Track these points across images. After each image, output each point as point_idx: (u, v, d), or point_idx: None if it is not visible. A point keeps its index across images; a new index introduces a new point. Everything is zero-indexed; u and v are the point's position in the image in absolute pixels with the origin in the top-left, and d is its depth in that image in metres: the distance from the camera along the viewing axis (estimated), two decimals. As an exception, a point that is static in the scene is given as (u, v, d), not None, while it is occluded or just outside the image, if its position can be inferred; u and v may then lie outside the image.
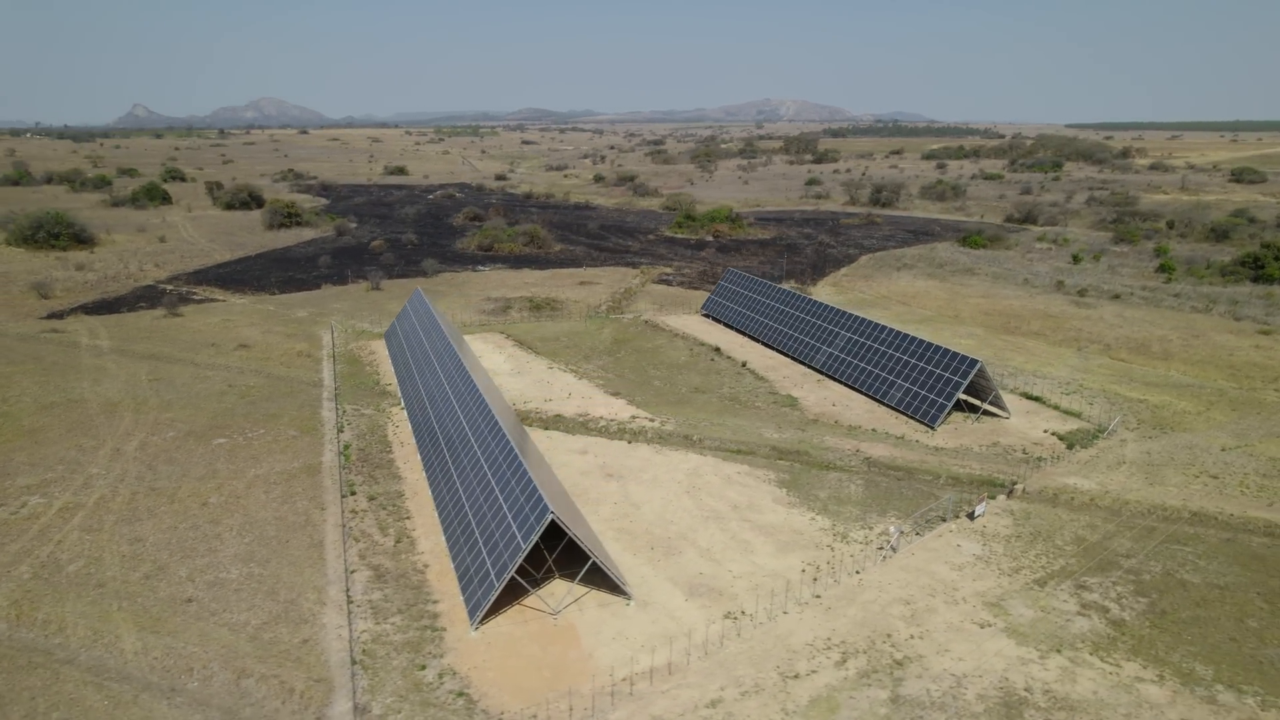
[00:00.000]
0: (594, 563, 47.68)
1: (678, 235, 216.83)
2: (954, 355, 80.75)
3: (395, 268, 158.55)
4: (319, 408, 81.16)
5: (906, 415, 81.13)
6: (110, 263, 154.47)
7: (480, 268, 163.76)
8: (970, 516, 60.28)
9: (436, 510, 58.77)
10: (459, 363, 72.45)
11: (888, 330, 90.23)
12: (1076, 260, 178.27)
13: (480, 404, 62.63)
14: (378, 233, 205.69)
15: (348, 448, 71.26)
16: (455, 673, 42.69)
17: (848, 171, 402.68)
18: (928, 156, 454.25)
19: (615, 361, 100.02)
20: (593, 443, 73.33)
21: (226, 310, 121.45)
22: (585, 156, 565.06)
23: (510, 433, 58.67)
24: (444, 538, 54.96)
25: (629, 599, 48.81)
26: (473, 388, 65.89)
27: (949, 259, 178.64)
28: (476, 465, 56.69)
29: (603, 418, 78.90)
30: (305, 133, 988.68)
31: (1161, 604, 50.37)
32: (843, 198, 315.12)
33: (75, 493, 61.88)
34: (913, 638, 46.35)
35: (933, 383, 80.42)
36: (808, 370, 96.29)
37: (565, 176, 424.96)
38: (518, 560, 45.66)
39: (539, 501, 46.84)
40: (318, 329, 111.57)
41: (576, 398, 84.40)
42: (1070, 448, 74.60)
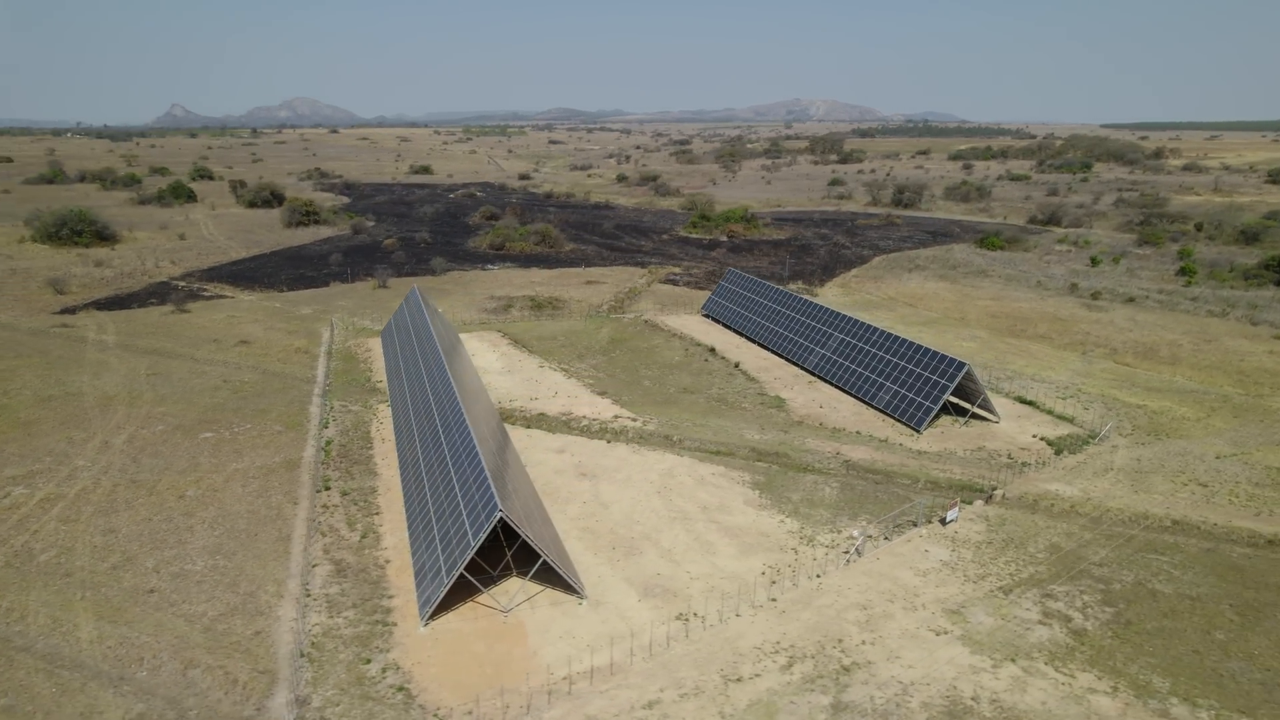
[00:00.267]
0: (544, 561, 47.74)
1: (692, 235, 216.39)
2: (941, 358, 79.68)
3: (405, 266, 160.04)
4: (308, 404, 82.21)
5: (894, 418, 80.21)
6: (128, 260, 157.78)
7: (489, 266, 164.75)
8: (942, 522, 59.45)
9: (405, 507, 59.26)
10: (440, 361, 72.95)
11: (878, 332, 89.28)
12: (1095, 263, 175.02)
13: (453, 402, 63.02)
14: (394, 231, 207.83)
15: (329, 443, 72.09)
16: (399, 667, 43.01)
17: (872, 172, 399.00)
18: (954, 157, 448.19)
19: (608, 361, 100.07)
20: (572, 442, 73.44)
21: (233, 307, 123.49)
22: (610, 156, 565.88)
23: (479, 431, 58.98)
24: (408, 534, 55.39)
25: (581, 598, 48.83)
26: (449, 386, 66.30)
27: (963, 261, 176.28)
28: (443, 462, 57.08)
29: (585, 417, 79.00)
30: (335, 132, 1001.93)
31: (1128, 614, 49.30)
32: (865, 198, 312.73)
33: (59, 484, 63.29)
34: (864, 643, 45.82)
35: (920, 385, 79.43)
36: (801, 372, 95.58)
37: (589, 176, 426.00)
38: (467, 557, 45.88)
39: (490, 500, 47.03)
40: (319, 326, 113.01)
41: (562, 397, 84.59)
42: (1058, 453, 73.26)
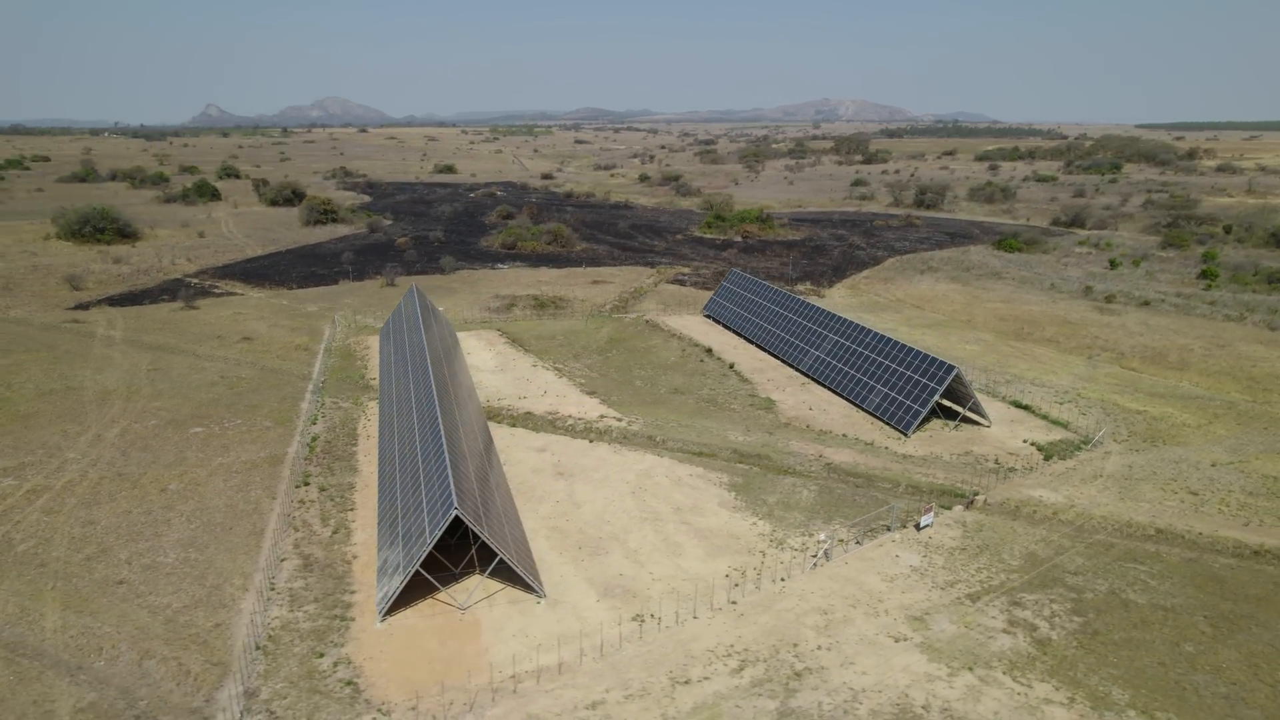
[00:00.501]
0: (501, 559, 47.88)
1: (706, 235, 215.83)
2: (931, 360, 78.69)
3: (416, 265, 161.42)
4: (301, 400, 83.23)
5: (883, 421, 79.36)
6: (146, 256, 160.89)
7: (499, 266, 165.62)
8: (917, 527, 58.70)
9: (377, 503, 59.76)
10: (424, 360, 73.46)
11: (871, 334, 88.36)
12: (1114, 265, 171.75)
13: (430, 400, 63.43)
14: (411, 230, 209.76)
15: (315, 439, 72.92)
16: (350, 662, 43.39)
17: (896, 173, 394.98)
18: (980, 158, 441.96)
19: (604, 361, 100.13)
20: (554, 441, 73.58)
21: (241, 304, 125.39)
22: (634, 156, 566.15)
23: (452, 428, 59.32)
24: (377, 530, 55.85)
25: (539, 597, 48.91)
26: (428, 384, 66.75)
27: (978, 263, 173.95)
28: (413, 460, 57.49)
29: (571, 416, 79.11)
30: (364, 131, 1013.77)
31: (1096, 624, 48.31)
32: (887, 199, 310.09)
33: (47, 476, 64.70)
34: (820, 649, 45.38)
35: (910, 388, 78.50)
36: (795, 373, 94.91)
37: (612, 176, 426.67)
38: (422, 555, 46.16)
39: (448, 497, 47.27)
40: (323, 323, 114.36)
41: (551, 396, 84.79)
42: (1047, 459, 72.01)
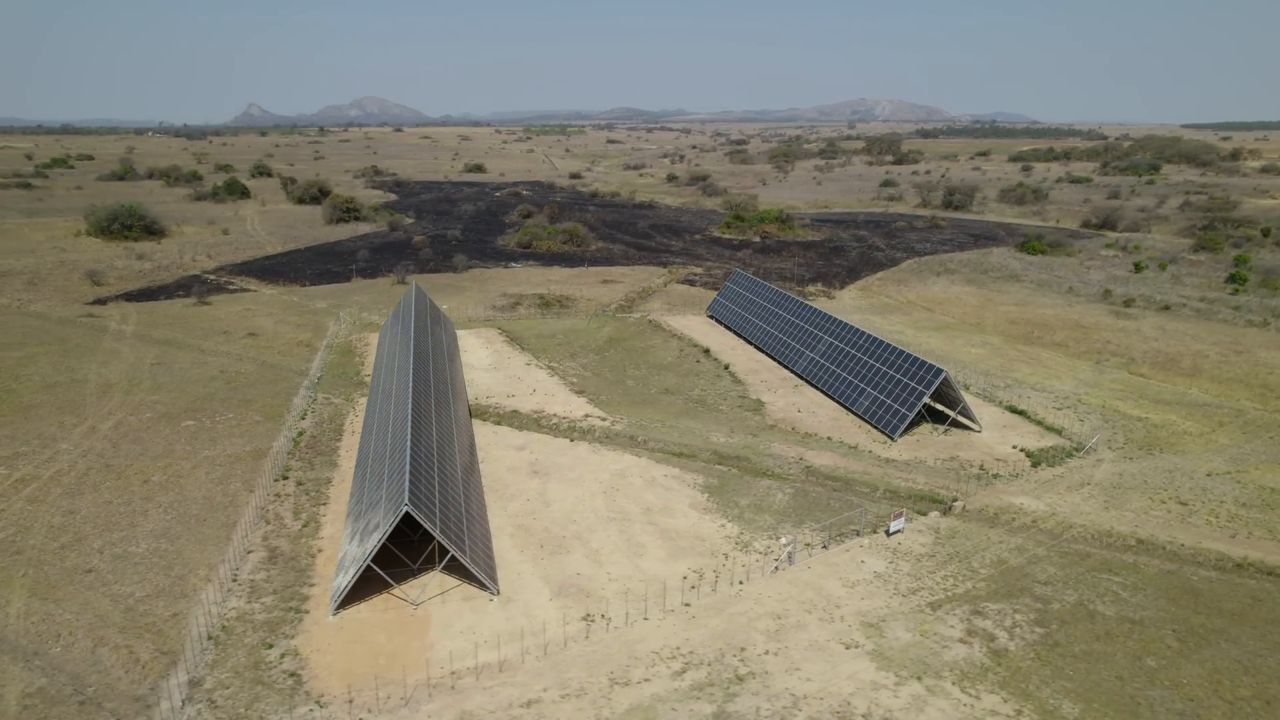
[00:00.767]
0: (452, 556, 48.13)
1: (725, 235, 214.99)
2: (920, 363, 77.48)
3: (430, 263, 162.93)
4: (294, 396, 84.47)
5: (871, 424, 78.34)
6: (169, 253, 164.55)
7: (513, 264, 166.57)
8: (887, 533, 57.82)
9: (349, 498, 60.44)
10: (408, 357, 74.12)
11: (865, 336, 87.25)
12: (1138, 269, 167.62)
13: (404, 396, 63.99)
14: (432, 228, 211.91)
15: (301, 434, 73.97)
16: (297, 654, 43.93)
17: (927, 173, 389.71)
18: (1014, 158, 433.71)
19: (600, 360, 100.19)
20: (535, 439, 73.80)
21: (253, 300, 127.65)
22: (665, 156, 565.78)
23: (422, 425, 59.78)
24: (344, 525, 56.48)
25: (492, 595, 49.08)
26: (406, 381, 67.35)
27: (998, 265, 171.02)
28: (382, 455, 58.05)
29: (556, 415, 79.28)
30: (399, 130, 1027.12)
31: (1058, 635, 47.19)
32: (915, 200, 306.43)
33: (38, 466, 66.46)
34: (767, 654, 44.92)
35: (898, 391, 77.39)
36: (789, 375, 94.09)
37: (640, 175, 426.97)
38: (373, 550, 46.59)
39: (402, 493, 47.64)
40: (329, 320, 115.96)
41: (540, 394, 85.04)
42: (1035, 466, 70.52)
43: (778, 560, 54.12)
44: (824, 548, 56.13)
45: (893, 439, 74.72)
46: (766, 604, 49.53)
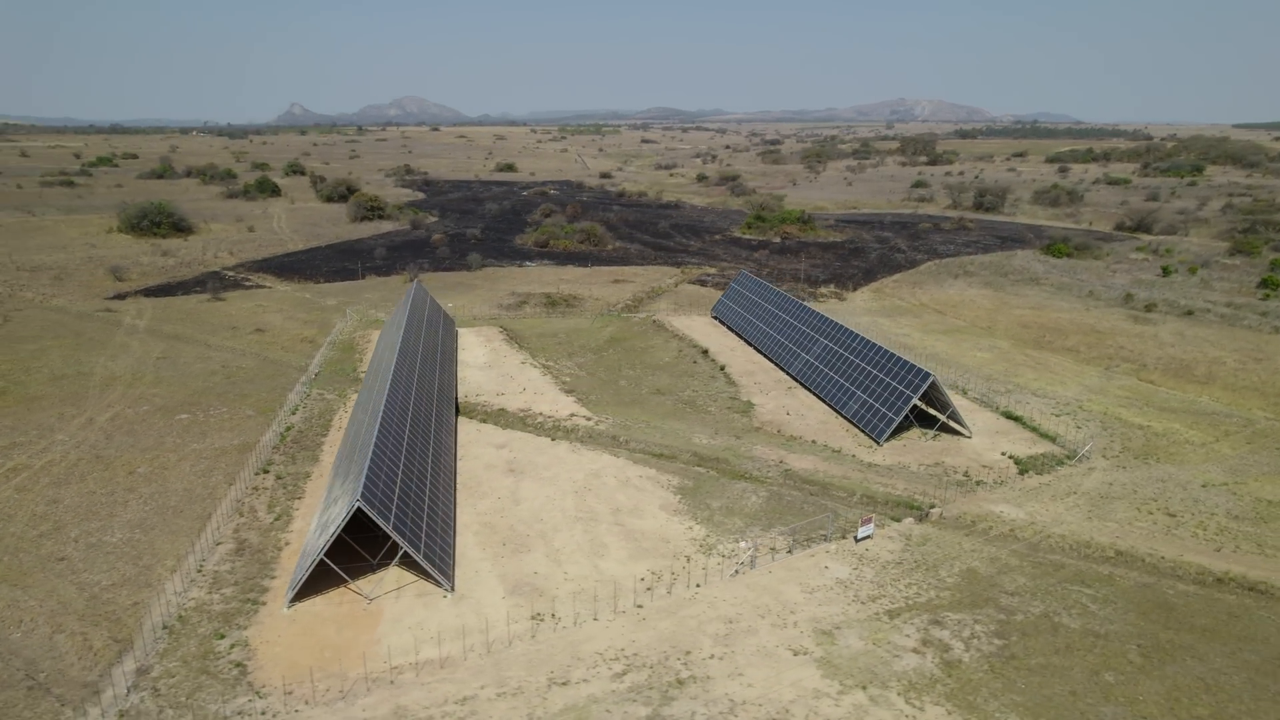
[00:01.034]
0: (404, 553, 48.51)
1: (745, 236, 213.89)
2: (909, 366, 76.24)
3: (445, 261, 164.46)
4: (289, 391, 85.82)
5: (859, 428, 77.30)
6: (193, 250, 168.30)
7: (527, 263, 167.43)
8: (856, 539, 56.99)
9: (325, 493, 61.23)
10: (392, 354, 74.87)
11: (859, 338, 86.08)
12: (1166, 272, 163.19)
13: (381, 393, 64.64)
14: (455, 227, 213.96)
15: (289, 429, 75.12)
16: (247, 645, 44.61)
17: (960, 174, 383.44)
18: (1051, 159, 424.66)
19: (597, 359, 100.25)
20: (517, 438, 74.07)
21: (266, 296, 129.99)
22: (697, 156, 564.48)
23: (394, 422, 60.35)
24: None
25: (447, 591, 49.36)
26: (386, 378, 68.03)
27: (1020, 268, 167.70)
28: (350, 453, 58.70)
29: (541, 414, 79.49)
30: (436, 130, 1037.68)
31: (1016, 648, 46.10)
32: (946, 201, 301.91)
33: (32, 456, 68.40)
34: (713, 658, 44.54)
35: (887, 395, 76.24)
36: (785, 377, 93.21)
37: (671, 175, 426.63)
38: (327, 544, 47.14)
39: (358, 490, 48.13)
40: (336, 317, 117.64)
41: (529, 393, 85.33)
42: (1022, 473, 68.98)
43: (739, 564, 53.64)
44: (789, 552, 55.49)
45: (878, 443, 73.64)
46: (720, 608, 49.12)
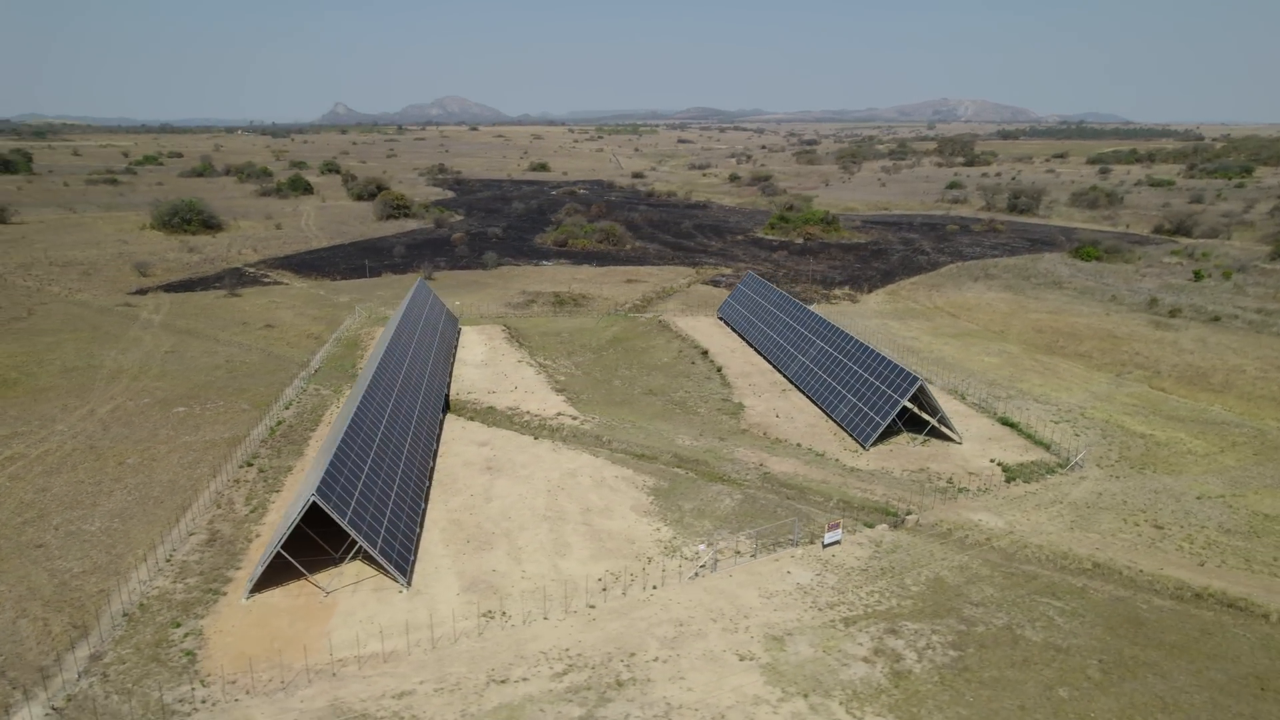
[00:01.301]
0: (360, 547, 49.02)
1: (767, 236, 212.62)
2: (898, 370, 74.99)
3: (463, 260, 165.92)
4: (287, 386, 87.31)
5: (847, 431, 76.26)
6: (219, 247, 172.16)
7: (544, 262, 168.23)
8: (824, 544, 56.20)
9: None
10: (380, 352, 75.73)
11: (853, 341, 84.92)
12: (1198, 277, 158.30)
13: (360, 390, 65.41)
14: (478, 225, 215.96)
15: (280, 423, 76.42)
16: (200, 634, 45.46)
17: (997, 175, 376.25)
18: (1093, 160, 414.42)
19: (596, 359, 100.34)
20: (500, 436, 74.44)
21: (282, 293, 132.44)
22: (731, 156, 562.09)
23: (368, 418, 61.04)
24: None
25: (403, 587, 49.77)
26: (368, 375, 68.83)
27: (1044, 271, 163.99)
28: (328, 447, 59.47)
29: (529, 413, 79.77)
30: (475, 129, 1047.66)
31: (971, 659, 45.06)
32: (980, 203, 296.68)
33: (29, 445, 70.53)
34: (657, 660, 44.26)
35: (875, 399, 75.11)
36: (781, 379, 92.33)
37: (704, 175, 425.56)
38: (282, 538, 47.86)
39: (316, 484, 48.76)
40: (345, 314, 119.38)
41: (520, 392, 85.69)
42: (1009, 481, 67.45)
43: (700, 566, 53.24)
44: (753, 556, 54.94)
45: (864, 448, 72.56)
46: (673, 610, 48.80)
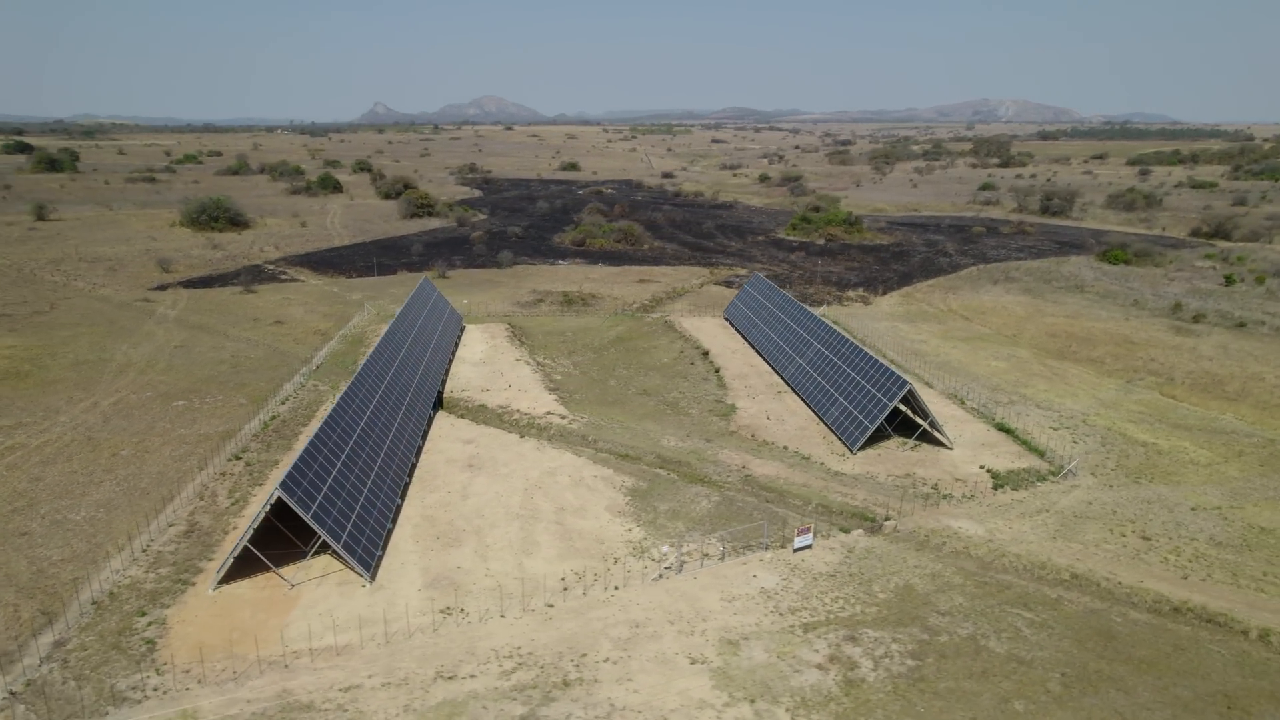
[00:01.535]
0: (322, 541, 49.61)
1: (788, 237, 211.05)
2: (888, 374, 73.90)
3: (479, 258, 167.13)
4: (287, 381, 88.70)
5: (837, 435, 75.34)
6: (243, 244, 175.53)
7: (560, 262, 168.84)
8: (794, 549, 55.58)
9: (282, 480, 63.05)
10: (374, 349, 76.56)
11: (848, 343, 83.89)
12: (1229, 281, 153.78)
13: (345, 387, 66.17)
14: (500, 224, 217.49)
15: (274, 418, 77.65)
16: (163, 623, 46.36)
17: (1032, 177, 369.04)
18: (1133, 162, 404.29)
19: (595, 359, 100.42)
20: (487, 434, 74.83)
21: (297, 290, 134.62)
22: (764, 156, 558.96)
23: (342, 413, 61.76)
24: (264, 505, 59.03)
25: (366, 581, 50.26)
26: (353, 374, 69.59)
27: (1067, 274, 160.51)
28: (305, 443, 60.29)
29: (519, 411, 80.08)
30: (510, 129, 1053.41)
31: (928, 669, 44.23)
32: (1012, 205, 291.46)
33: (30, 435, 72.54)
34: (607, 661, 44.14)
35: (866, 403, 74.12)
36: (778, 381, 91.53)
37: (734, 176, 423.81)
38: (248, 531, 48.65)
39: (282, 478, 49.45)
40: (355, 311, 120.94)
41: (514, 390, 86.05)
42: (997, 488, 66.11)
43: (665, 568, 52.98)
44: (721, 559, 54.54)
45: (852, 452, 71.62)
46: (632, 611, 48.63)
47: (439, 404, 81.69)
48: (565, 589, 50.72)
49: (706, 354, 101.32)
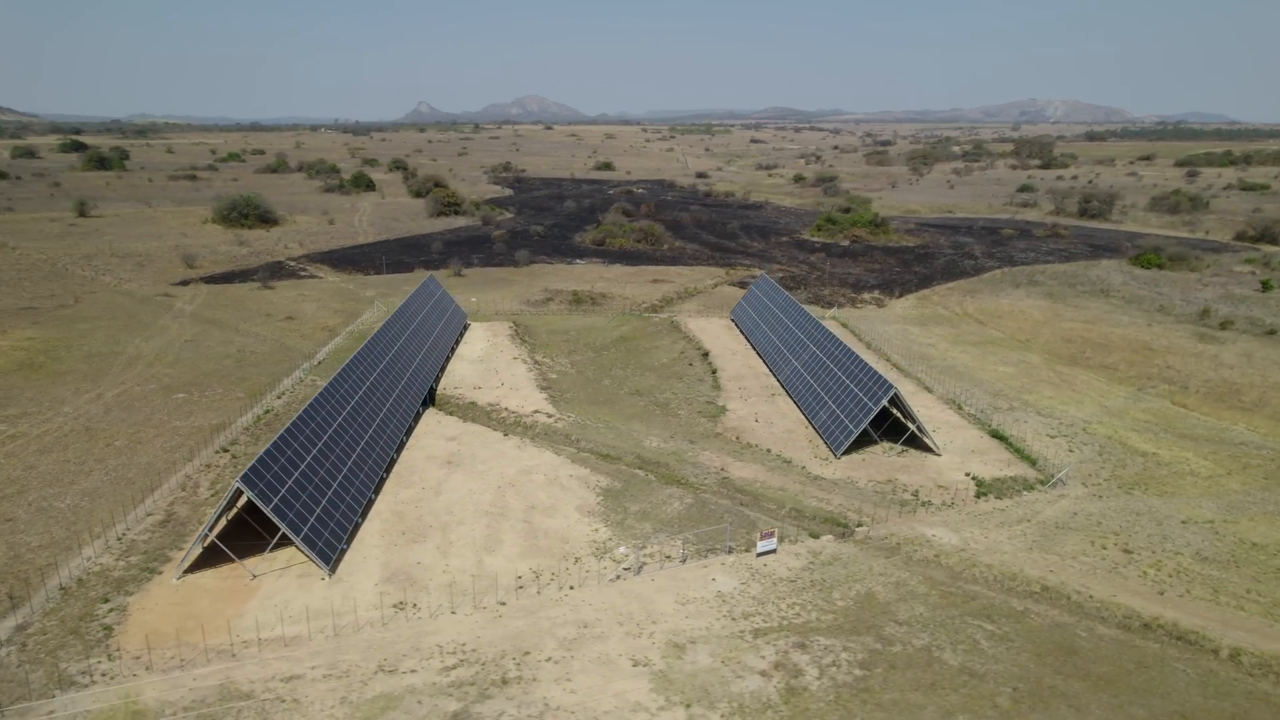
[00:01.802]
0: (283, 534, 50.39)
1: (812, 238, 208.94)
2: (874, 377, 72.69)
3: (497, 257, 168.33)
4: (286, 376, 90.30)
5: (823, 439, 74.36)
6: (268, 241, 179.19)
7: (576, 261, 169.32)
8: (757, 553, 54.96)
9: (262, 473, 64.19)
10: (364, 346, 77.55)
11: (841, 346, 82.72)
12: (1266, 287, 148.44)
13: (322, 384, 67.14)
14: (524, 223, 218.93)
15: (267, 412, 79.12)
16: (124, 610, 47.50)
17: (1074, 179, 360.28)
18: (1181, 163, 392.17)
19: (594, 358, 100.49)
20: (471, 431, 75.32)
21: (313, 286, 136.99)
22: (801, 156, 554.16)
23: (320, 408, 62.64)
24: (240, 497, 60.14)
25: (325, 574, 50.91)
26: (340, 369, 70.58)
27: (1096, 278, 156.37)
28: (281, 435, 61.29)
29: (507, 409, 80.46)
30: (549, 129, 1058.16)
31: (875, 680, 43.41)
32: (1049, 207, 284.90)
33: (33, 425, 74.89)
34: (549, 661, 44.12)
35: (853, 407, 73.03)
36: (774, 383, 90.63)
37: (769, 176, 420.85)
38: (211, 521, 49.63)
39: (246, 470, 50.34)
40: (366, 307, 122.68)
41: (505, 388, 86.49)
42: (979, 496, 64.65)
43: (623, 569, 52.78)
44: (682, 561, 54.16)
45: (836, 456, 70.63)
46: (583, 612, 48.54)
47: (431, 400, 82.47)
48: (520, 587, 50.84)
49: (706, 355, 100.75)
